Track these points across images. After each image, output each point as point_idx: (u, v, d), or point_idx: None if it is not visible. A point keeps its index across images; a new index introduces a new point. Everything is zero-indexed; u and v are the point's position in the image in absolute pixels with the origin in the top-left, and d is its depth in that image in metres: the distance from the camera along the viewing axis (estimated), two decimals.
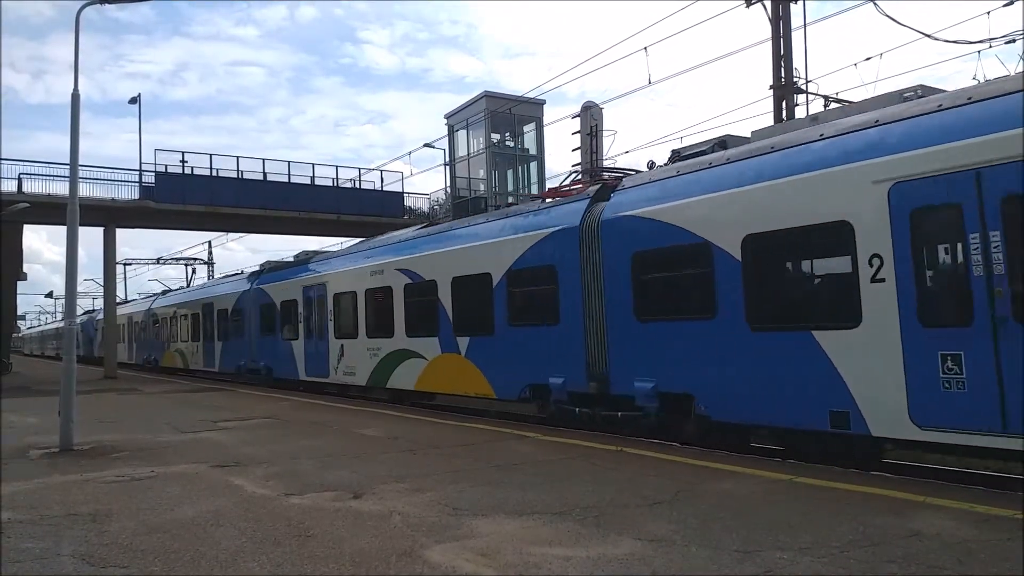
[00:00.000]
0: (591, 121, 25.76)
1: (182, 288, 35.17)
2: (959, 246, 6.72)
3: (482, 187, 34.35)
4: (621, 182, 11.07)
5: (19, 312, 60.47)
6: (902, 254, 7.02)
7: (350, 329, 17.25)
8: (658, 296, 9.78)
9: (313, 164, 34.38)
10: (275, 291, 21.43)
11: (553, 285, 11.30)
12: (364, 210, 33.51)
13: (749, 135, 9.82)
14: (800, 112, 16.39)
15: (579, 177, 13.94)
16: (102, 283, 34.74)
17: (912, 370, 6.92)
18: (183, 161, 30.89)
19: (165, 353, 32.83)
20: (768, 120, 17.24)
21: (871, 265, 7.24)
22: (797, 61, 16.37)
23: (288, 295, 20.50)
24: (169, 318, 32.04)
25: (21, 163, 28.20)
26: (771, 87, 16.50)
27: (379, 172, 35.22)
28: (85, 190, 26.57)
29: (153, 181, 30.07)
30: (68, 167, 11.56)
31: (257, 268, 24.53)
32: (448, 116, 36.71)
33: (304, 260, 21.71)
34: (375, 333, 16.12)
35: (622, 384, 10.09)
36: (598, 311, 10.58)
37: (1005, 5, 14.25)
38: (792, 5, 16.41)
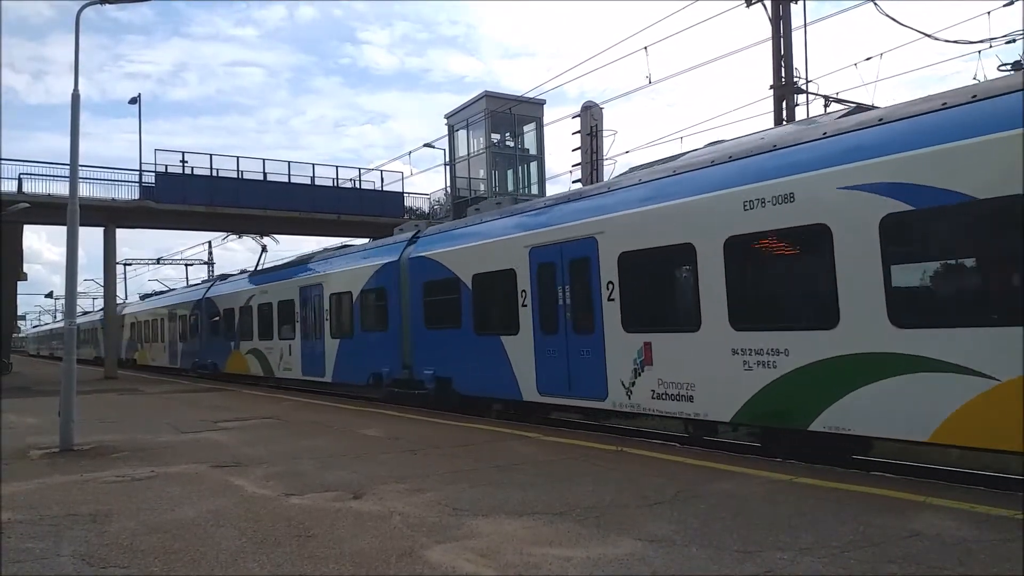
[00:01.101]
0: (591, 121, 25.81)
1: (250, 272, 26.08)
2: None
3: (482, 187, 34.36)
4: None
5: (19, 312, 60.38)
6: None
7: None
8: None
9: (313, 164, 34.44)
10: (465, 258, 13.53)
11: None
12: (364, 210, 33.53)
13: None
14: (800, 112, 16.42)
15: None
16: (102, 283, 34.76)
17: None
18: (183, 161, 30.93)
19: (231, 356, 24.92)
20: (768, 120, 17.24)
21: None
22: (797, 61, 16.41)
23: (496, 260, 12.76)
24: (239, 309, 24.14)
25: (21, 163, 28.28)
26: (771, 87, 16.52)
27: (379, 172, 35.25)
28: (85, 190, 26.65)
29: (153, 181, 30.09)
30: (68, 167, 11.56)
31: (409, 231, 16.76)
32: (448, 116, 36.71)
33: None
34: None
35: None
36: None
37: (1005, 5, 14.27)
38: (792, 5, 16.43)
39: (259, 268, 26.04)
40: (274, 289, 21.74)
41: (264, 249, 27.88)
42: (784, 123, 15.83)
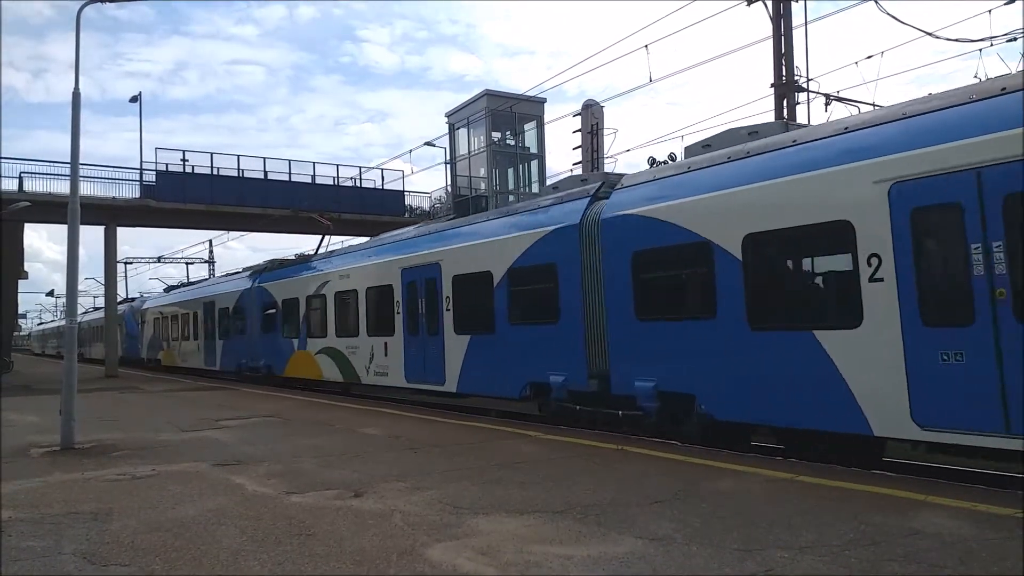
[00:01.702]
0: (592, 119, 25.81)
1: (319, 254, 21.41)
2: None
3: (483, 185, 34.35)
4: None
5: (20, 310, 60.41)
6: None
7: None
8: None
9: (314, 163, 34.50)
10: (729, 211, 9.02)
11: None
12: (365, 209, 33.51)
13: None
14: (801, 111, 16.41)
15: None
16: (103, 282, 34.76)
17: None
18: (184, 160, 30.93)
19: (295, 357, 20.23)
20: (770, 119, 17.22)
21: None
22: (798, 59, 16.40)
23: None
24: (307, 299, 19.43)
25: (22, 162, 28.29)
26: (772, 85, 16.50)
27: (380, 171, 35.25)
28: (86, 189, 26.56)
29: (154, 180, 30.09)
30: (69, 166, 11.56)
31: (595, 181, 12.35)
32: (449, 114, 36.69)
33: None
34: None
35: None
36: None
37: (1006, 3, 14.23)
38: (793, 3, 16.42)
39: (319, 252, 21.89)
40: (360, 273, 16.95)
41: (329, 230, 24.13)
42: (786, 119, 15.82)
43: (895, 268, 7.13)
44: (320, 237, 24.30)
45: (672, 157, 11.08)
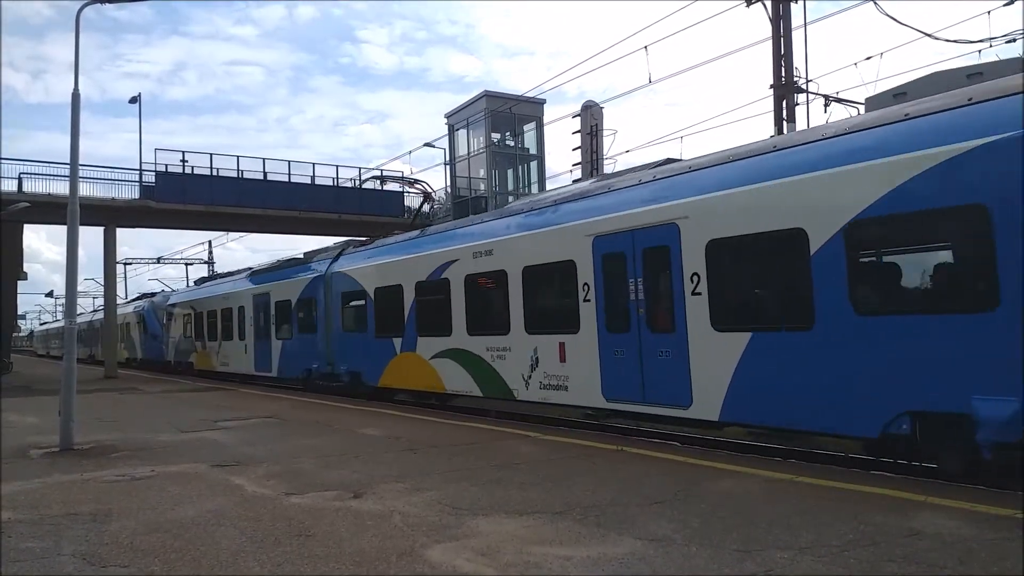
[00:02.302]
0: (591, 120, 25.83)
1: (431, 228, 16.67)
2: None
3: (482, 186, 34.36)
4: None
5: (19, 311, 60.28)
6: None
7: None
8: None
9: (313, 164, 34.51)
10: None
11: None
12: (364, 210, 33.51)
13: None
14: (800, 112, 16.42)
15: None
16: (102, 283, 34.73)
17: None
18: (183, 161, 30.93)
19: (397, 361, 15.52)
20: (769, 120, 17.22)
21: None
22: (797, 60, 16.40)
23: None
24: (418, 286, 14.93)
25: (21, 163, 28.26)
26: (771, 86, 16.51)
27: (379, 172, 35.22)
28: (85, 190, 26.59)
29: (153, 181, 30.08)
30: (68, 166, 11.56)
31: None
32: (448, 115, 36.71)
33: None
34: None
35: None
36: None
37: (1005, 4, 14.26)
38: (792, 4, 16.43)
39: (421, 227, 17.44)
40: (512, 247, 12.42)
41: (430, 199, 20.85)
42: (785, 124, 15.83)
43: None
44: (421, 209, 21.64)
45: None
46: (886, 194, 6.99)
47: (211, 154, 31.31)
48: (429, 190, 20.52)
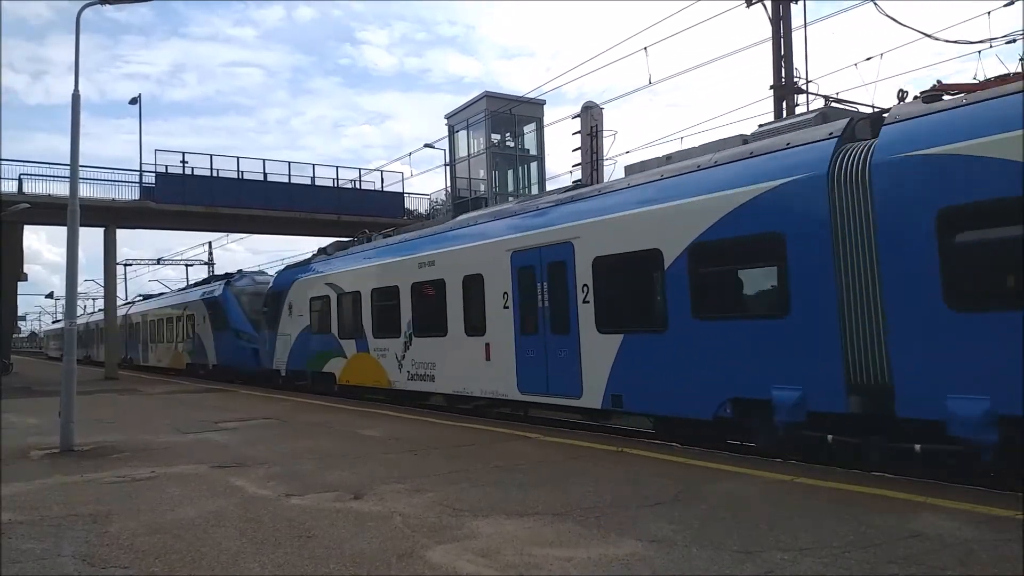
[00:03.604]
0: (591, 121, 25.81)
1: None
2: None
3: (482, 187, 34.36)
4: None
5: (19, 312, 60.21)
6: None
7: None
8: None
9: (313, 164, 34.50)
10: None
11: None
12: (364, 210, 33.53)
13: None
14: (800, 112, 16.41)
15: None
16: (102, 283, 34.73)
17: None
18: (183, 162, 30.95)
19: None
20: (768, 120, 17.22)
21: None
22: (797, 61, 16.42)
23: None
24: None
25: (21, 163, 28.31)
26: (771, 87, 16.52)
27: (379, 173, 35.29)
28: (85, 191, 26.56)
29: (153, 181, 30.09)
30: (68, 167, 11.56)
31: None
32: (448, 116, 36.73)
33: None
34: None
35: None
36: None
37: (1005, 5, 14.27)
38: (792, 5, 16.44)
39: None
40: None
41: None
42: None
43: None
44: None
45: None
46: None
47: (211, 155, 31.38)
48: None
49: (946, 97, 7.63)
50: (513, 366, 11.97)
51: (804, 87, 16.48)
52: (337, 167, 37.43)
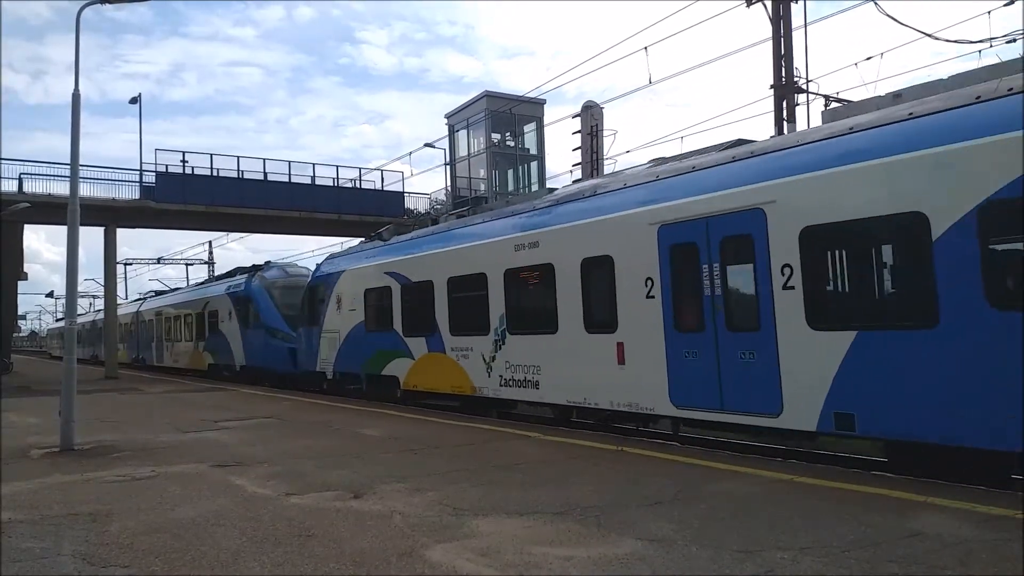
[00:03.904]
0: (591, 121, 25.80)
1: None
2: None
3: (483, 187, 34.36)
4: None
5: (19, 312, 60.20)
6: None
7: None
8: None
9: (314, 164, 34.45)
10: None
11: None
12: (364, 210, 33.52)
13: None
14: (801, 112, 16.42)
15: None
16: (102, 283, 34.71)
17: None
18: (183, 161, 30.94)
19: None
20: (769, 120, 17.23)
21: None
22: (798, 61, 16.41)
23: None
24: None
25: (22, 163, 28.30)
26: (772, 87, 16.51)
27: (379, 172, 35.28)
28: (85, 190, 26.51)
29: (154, 181, 30.08)
30: (68, 167, 11.56)
31: None
32: (449, 116, 36.73)
33: None
34: None
35: None
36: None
37: (1006, 5, 14.26)
38: (792, 5, 16.43)
39: None
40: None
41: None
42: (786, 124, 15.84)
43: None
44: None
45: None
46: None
47: (211, 155, 31.37)
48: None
49: None
50: (662, 371, 9.31)
51: (804, 87, 16.48)
52: (337, 167, 37.50)
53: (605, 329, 10.25)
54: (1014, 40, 13.61)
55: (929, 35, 15.12)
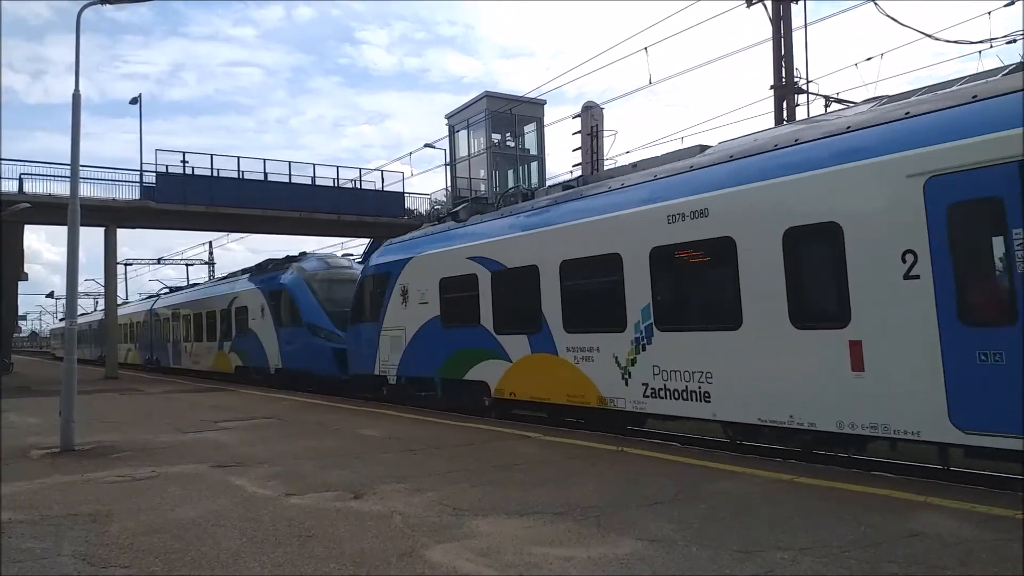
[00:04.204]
0: (592, 121, 25.80)
1: None
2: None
3: (483, 187, 34.38)
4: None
5: (20, 312, 60.15)
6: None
7: None
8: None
9: (314, 164, 34.48)
10: None
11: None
12: (364, 210, 33.54)
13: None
14: (801, 112, 16.43)
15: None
16: (102, 283, 34.71)
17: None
18: (184, 161, 30.96)
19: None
20: (770, 120, 17.24)
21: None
22: (798, 61, 16.44)
23: None
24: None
25: (22, 163, 28.32)
26: (772, 87, 16.53)
27: (380, 172, 35.31)
28: (86, 190, 26.50)
29: (154, 181, 30.10)
30: (69, 167, 11.57)
31: None
32: (449, 116, 36.76)
33: None
34: None
35: None
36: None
37: (1006, 5, 14.29)
38: (793, 5, 16.45)
39: None
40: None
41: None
42: (784, 122, 15.84)
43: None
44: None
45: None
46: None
47: (211, 155, 31.41)
48: None
49: None
50: (939, 380, 6.75)
51: (804, 87, 16.50)
52: (337, 167, 37.48)
53: (827, 323, 7.74)
54: (1014, 40, 13.62)
55: (929, 35, 15.16)
